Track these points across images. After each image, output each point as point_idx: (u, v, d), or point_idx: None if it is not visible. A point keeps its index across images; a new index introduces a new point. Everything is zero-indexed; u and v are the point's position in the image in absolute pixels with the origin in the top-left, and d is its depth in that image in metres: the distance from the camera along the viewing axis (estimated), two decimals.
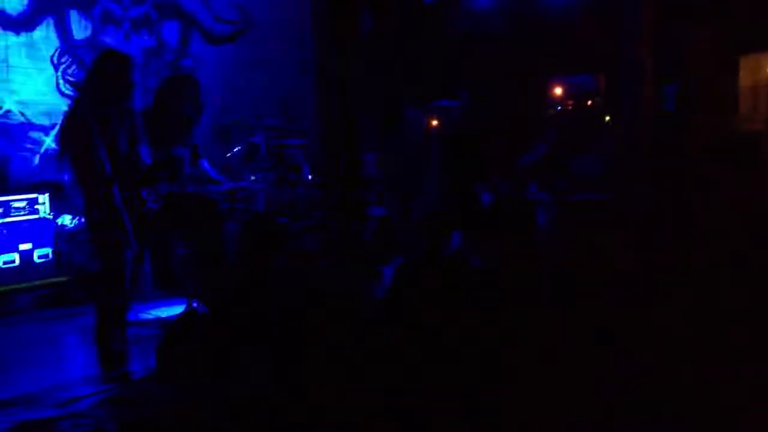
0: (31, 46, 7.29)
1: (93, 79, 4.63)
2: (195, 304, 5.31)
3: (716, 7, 7.49)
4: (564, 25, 8.71)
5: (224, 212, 6.33)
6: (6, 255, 6.32)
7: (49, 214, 6.64)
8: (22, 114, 7.19)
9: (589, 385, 3.75)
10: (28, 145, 7.20)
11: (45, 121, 7.27)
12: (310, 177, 7.69)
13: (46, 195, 6.64)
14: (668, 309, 4.41)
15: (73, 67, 7.53)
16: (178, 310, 5.50)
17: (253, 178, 7.33)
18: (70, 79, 7.29)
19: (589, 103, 8.67)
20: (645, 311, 4.41)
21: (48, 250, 6.57)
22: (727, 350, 3.98)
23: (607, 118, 8.42)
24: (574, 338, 4.07)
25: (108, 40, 7.78)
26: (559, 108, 8.83)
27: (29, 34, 7.28)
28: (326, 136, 6.30)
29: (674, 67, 7.59)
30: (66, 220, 6.87)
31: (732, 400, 3.60)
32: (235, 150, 7.85)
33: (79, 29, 7.62)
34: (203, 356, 4.16)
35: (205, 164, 6.64)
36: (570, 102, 8.86)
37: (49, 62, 7.40)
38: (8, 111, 7.11)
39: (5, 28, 7.11)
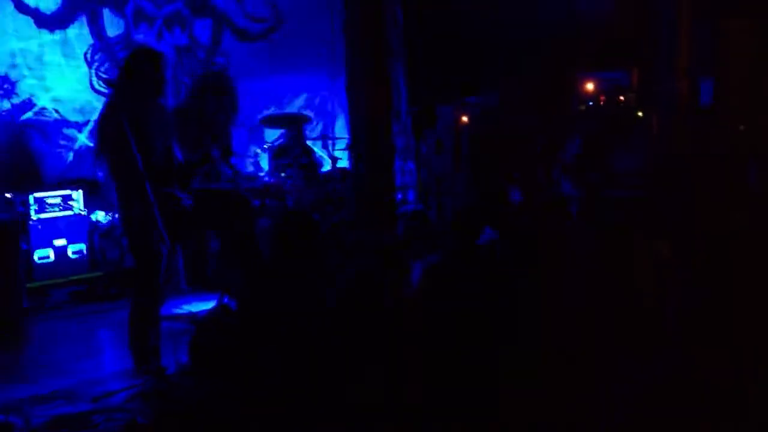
0: (65, 43, 7.35)
1: (126, 76, 4.67)
2: (227, 300, 5.34)
3: (754, 1, 7.38)
4: (596, 19, 8.63)
5: (256, 208, 6.35)
6: (41, 251, 6.39)
7: (83, 210, 6.71)
8: (56, 111, 7.26)
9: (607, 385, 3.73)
10: (62, 142, 7.26)
11: (79, 118, 7.34)
12: (340, 174, 7.70)
13: (80, 191, 6.72)
14: (688, 308, 4.37)
15: (107, 64, 7.58)
16: (210, 305, 5.52)
17: (284, 174, 7.35)
18: (104, 76, 7.35)
19: (622, 98, 8.57)
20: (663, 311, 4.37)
21: (82, 246, 6.64)
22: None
23: (640, 113, 8.32)
24: (593, 338, 4.04)
25: (141, 37, 7.83)
26: (591, 104, 8.75)
27: (63, 31, 7.34)
28: (357, 133, 6.29)
29: (711, 62, 7.49)
30: (100, 216, 6.92)
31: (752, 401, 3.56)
32: (266, 147, 7.88)
33: (113, 27, 7.68)
34: (235, 351, 4.17)
35: (237, 161, 6.67)
36: (602, 97, 8.77)
37: (82, 59, 7.46)
38: (43, 108, 7.17)
39: (40, 26, 7.18)
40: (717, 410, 3.53)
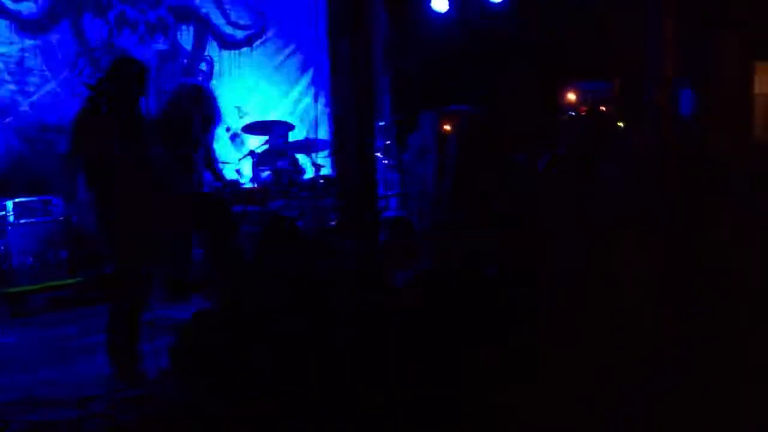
0: (46, 48, 7.31)
1: (107, 84, 4.68)
2: (208, 305, 5.32)
3: (734, 13, 7.46)
4: (580, 30, 8.70)
5: (238, 214, 6.34)
6: (20, 256, 6.33)
7: (64, 216, 6.66)
8: (38, 116, 7.21)
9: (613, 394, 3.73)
10: (43, 147, 7.21)
11: (60, 123, 7.27)
12: (323, 181, 7.70)
13: (61, 196, 6.67)
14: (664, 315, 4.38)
15: (88, 69, 7.55)
16: (191, 311, 5.49)
17: (267, 181, 7.35)
18: (85, 81, 7.30)
19: (603, 108, 8.64)
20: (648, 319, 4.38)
21: (62, 252, 6.58)
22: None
23: (621, 124, 8.38)
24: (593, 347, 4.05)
25: (123, 43, 7.80)
26: (573, 113, 8.81)
27: (45, 36, 7.30)
28: (341, 140, 6.30)
29: (691, 72, 7.56)
30: (80, 221, 6.88)
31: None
32: (248, 153, 7.87)
33: (95, 32, 7.64)
34: (216, 357, 4.16)
35: (218, 167, 6.65)
36: (583, 108, 8.84)
37: (64, 65, 7.42)
38: (23, 112, 7.12)
39: (22, 31, 7.14)
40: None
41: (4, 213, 6.31)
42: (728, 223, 5.48)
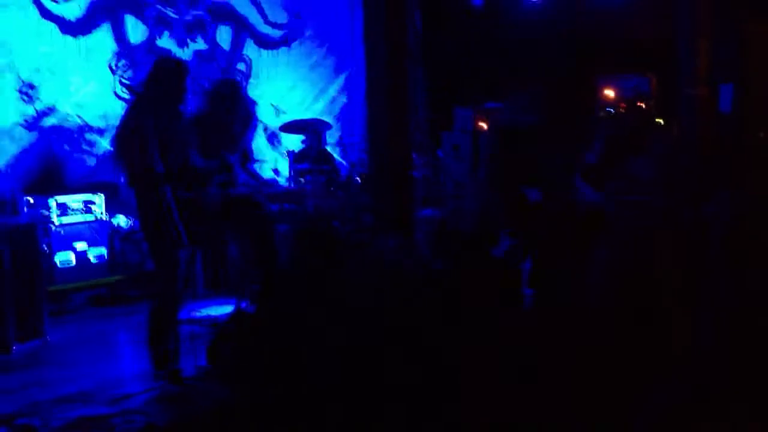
0: (88, 50, 7.43)
1: (150, 84, 4.73)
2: (245, 304, 5.36)
3: None
4: (616, 25, 8.60)
5: (274, 214, 6.38)
6: (62, 254, 6.47)
7: (105, 215, 6.78)
8: (79, 116, 7.33)
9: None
10: (85, 147, 7.34)
11: (101, 124, 7.40)
12: (359, 179, 7.72)
13: (102, 196, 6.79)
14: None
15: (129, 70, 7.65)
16: (228, 309, 5.56)
17: (303, 180, 7.39)
18: (126, 82, 7.41)
19: (642, 105, 8.54)
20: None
21: (103, 250, 6.71)
22: None
23: (660, 120, 8.28)
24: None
25: (163, 43, 7.90)
26: (612, 110, 8.71)
27: (87, 38, 7.42)
28: (376, 138, 6.31)
29: (730, 66, 7.42)
30: (120, 220, 7.00)
31: None
32: (285, 152, 7.91)
33: (135, 33, 7.75)
34: (252, 356, 4.20)
35: (254, 167, 6.71)
36: (622, 104, 8.74)
37: (105, 66, 7.53)
38: (66, 113, 7.25)
39: (64, 32, 7.26)
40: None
41: (46, 212, 6.43)
42: None
